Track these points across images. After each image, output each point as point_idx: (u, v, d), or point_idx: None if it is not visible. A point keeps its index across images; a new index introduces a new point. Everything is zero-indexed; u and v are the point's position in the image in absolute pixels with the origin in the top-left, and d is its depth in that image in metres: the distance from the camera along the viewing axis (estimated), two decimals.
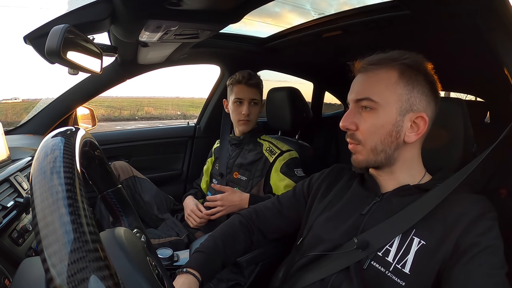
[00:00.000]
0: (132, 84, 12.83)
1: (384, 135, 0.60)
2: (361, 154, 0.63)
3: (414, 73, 0.59)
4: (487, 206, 0.55)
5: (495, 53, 0.64)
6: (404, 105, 0.59)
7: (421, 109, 0.59)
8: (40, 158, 0.28)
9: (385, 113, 0.59)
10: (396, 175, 0.63)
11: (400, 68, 0.59)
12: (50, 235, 0.22)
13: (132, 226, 0.53)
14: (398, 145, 0.60)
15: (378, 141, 0.60)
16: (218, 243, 0.73)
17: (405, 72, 0.59)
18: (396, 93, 0.59)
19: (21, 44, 0.74)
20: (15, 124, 1.29)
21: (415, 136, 0.60)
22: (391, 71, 0.60)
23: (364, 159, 0.63)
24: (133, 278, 0.33)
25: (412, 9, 0.84)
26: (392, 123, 0.59)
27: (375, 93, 0.59)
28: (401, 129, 0.59)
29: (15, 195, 0.75)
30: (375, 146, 0.61)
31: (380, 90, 0.59)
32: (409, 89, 0.59)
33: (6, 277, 0.58)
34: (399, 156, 0.62)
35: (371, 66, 0.61)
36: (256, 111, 1.28)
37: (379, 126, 0.60)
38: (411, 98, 0.59)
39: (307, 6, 1.46)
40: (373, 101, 0.59)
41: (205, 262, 0.69)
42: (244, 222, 0.81)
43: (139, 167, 1.42)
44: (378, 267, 0.56)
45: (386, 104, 0.59)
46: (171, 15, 0.72)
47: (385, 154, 0.61)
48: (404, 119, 0.59)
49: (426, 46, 1.08)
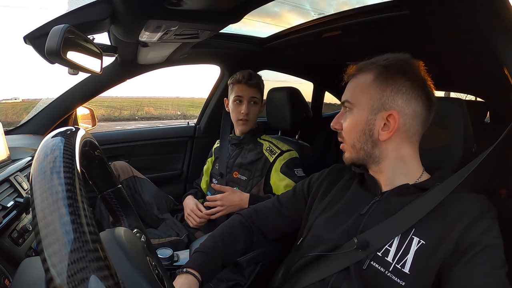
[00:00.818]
0: (132, 84, 12.85)
1: (359, 133, 0.64)
2: (346, 151, 0.68)
3: (390, 73, 0.62)
4: (487, 205, 0.55)
5: (495, 53, 0.64)
6: (375, 104, 0.62)
7: (394, 107, 0.61)
8: (40, 158, 0.28)
9: (358, 112, 0.64)
10: (385, 173, 0.64)
11: (376, 70, 0.63)
12: (50, 235, 0.22)
13: (132, 226, 0.53)
14: (374, 142, 0.63)
15: (355, 138, 0.65)
16: (218, 243, 0.73)
17: (380, 74, 0.62)
18: (369, 93, 0.63)
19: (21, 44, 0.74)
20: (15, 124, 1.29)
21: (388, 134, 0.61)
22: (368, 74, 0.64)
23: (349, 156, 0.68)
24: (133, 278, 0.33)
25: (412, 9, 0.84)
26: (364, 122, 0.63)
27: (352, 95, 0.65)
28: (373, 127, 0.62)
29: (15, 195, 0.75)
30: (354, 143, 0.65)
31: (356, 92, 0.65)
32: (381, 89, 0.62)
33: (6, 277, 0.58)
34: (382, 154, 0.64)
35: (353, 72, 0.67)
36: (256, 110, 1.28)
37: (354, 125, 0.65)
38: (383, 97, 0.61)
39: (307, 6, 1.47)
40: (349, 102, 0.65)
41: (205, 262, 0.69)
42: (244, 222, 0.81)
43: (139, 167, 1.42)
44: (378, 267, 0.56)
45: (359, 104, 0.64)
46: (171, 15, 0.72)
47: (364, 151, 0.64)
48: (376, 118, 0.62)
49: (426, 46, 1.08)
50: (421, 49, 0.62)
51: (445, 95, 1.68)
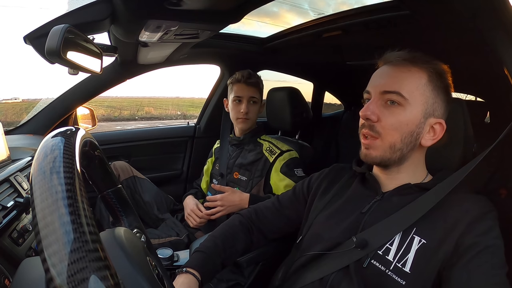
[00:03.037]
0: (132, 84, 12.81)
1: (406, 133, 0.59)
2: (377, 149, 0.61)
3: (440, 80, 0.60)
4: (488, 206, 0.55)
5: (495, 53, 0.64)
6: (429, 109, 0.60)
7: (441, 115, 0.61)
8: (40, 158, 0.28)
9: (411, 111, 0.59)
10: (401, 175, 0.64)
11: (430, 71, 0.60)
12: (50, 235, 0.22)
13: (132, 226, 0.53)
14: (414, 146, 0.61)
15: (398, 138, 0.59)
16: (218, 243, 0.74)
17: (433, 77, 0.60)
18: (425, 95, 0.59)
19: (21, 44, 0.74)
20: (15, 124, 1.29)
21: (432, 140, 0.61)
22: (422, 72, 0.60)
23: (379, 155, 0.61)
24: (133, 278, 0.33)
25: (412, 9, 0.84)
26: (416, 124, 0.59)
27: (406, 89, 0.58)
28: (422, 131, 0.60)
29: (15, 195, 0.75)
30: (395, 143, 0.60)
31: (411, 88, 0.58)
32: (435, 94, 0.60)
33: (6, 277, 0.58)
34: (410, 158, 0.62)
35: (405, 61, 0.60)
36: (255, 109, 1.28)
37: (404, 124, 0.59)
38: (435, 104, 0.60)
39: (305, 6, 1.46)
40: (403, 96, 0.58)
41: (205, 261, 0.69)
42: (244, 222, 0.81)
43: (139, 167, 1.42)
44: (378, 266, 0.56)
45: (414, 103, 0.58)
46: (171, 15, 0.72)
47: (401, 153, 0.60)
48: (426, 122, 0.60)
49: (426, 46, 1.08)
50: (421, 49, 0.62)
51: None
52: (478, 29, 0.67)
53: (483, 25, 0.65)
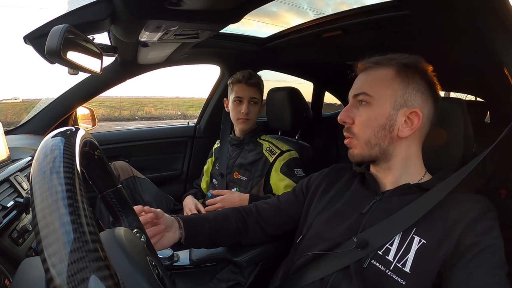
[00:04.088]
0: (132, 84, 12.83)
1: (378, 128, 0.62)
2: (356, 147, 0.65)
3: (411, 71, 0.62)
4: (488, 206, 0.55)
5: (495, 53, 0.64)
6: (398, 100, 0.61)
7: (416, 105, 0.61)
8: (40, 158, 0.27)
9: (379, 106, 0.62)
10: (393, 171, 0.64)
11: (397, 66, 0.62)
12: (50, 235, 0.22)
13: (132, 226, 0.53)
14: (392, 139, 0.62)
15: (371, 134, 0.62)
16: (209, 215, 0.80)
17: (402, 71, 0.62)
18: (391, 88, 0.61)
19: (21, 44, 0.74)
20: (15, 124, 1.29)
21: (409, 130, 0.61)
22: (389, 69, 0.63)
23: (359, 153, 0.65)
24: (133, 278, 0.33)
25: (412, 9, 0.84)
26: (386, 116, 0.61)
27: (371, 88, 0.63)
28: (395, 123, 0.61)
29: (15, 195, 0.75)
30: (369, 139, 0.63)
31: (376, 85, 0.63)
32: (404, 85, 0.61)
33: (6, 277, 0.58)
34: (394, 152, 0.63)
35: (370, 65, 0.65)
36: (256, 110, 1.28)
37: (373, 119, 0.62)
38: (406, 94, 0.61)
39: (304, 6, 1.46)
40: (368, 95, 0.63)
41: (192, 218, 0.77)
42: (240, 210, 0.84)
43: (139, 167, 1.42)
44: (378, 266, 0.56)
45: (380, 98, 0.62)
46: (171, 15, 0.72)
47: (379, 147, 0.63)
48: (398, 114, 0.61)
49: (426, 46, 1.08)
50: (421, 49, 0.62)
51: (445, 95, 1.68)
52: (478, 29, 0.67)
53: (483, 25, 0.65)
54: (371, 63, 0.65)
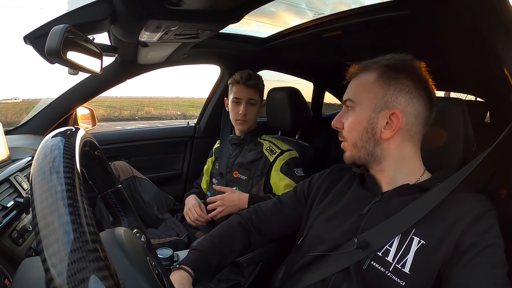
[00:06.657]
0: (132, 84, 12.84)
1: (361, 131, 0.64)
2: (347, 150, 0.68)
3: (393, 72, 0.62)
4: (487, 205, 0.55)
5: (495, 53, 0.64)
6: (378, 103, 0.62)
7: (398, 106, 0.61)
8: (40, 158, 0.27)
9: (361, 110, 0.64)
10: (387, 173, 0.64)
11: (379, 69, 0.63)
12: (50, 235, 0.22)
13: (132, 226, 0.53)
14: (377, 141, 0.63)
15: (357, 137, 0.65)
16: (215, 242, 0.75)
17: (384, 73, 0.62)
18: (372, 92, 0.63)
19: (21, 44, 0.74)
20: (15, 124, 1.29)
21: (390, 132, 0.61)
22: (371, 73, 0.64)
23: (350, 155, 0.67)
24: (133, 278, 0.33)
25: (412, 9, 0.84)
26: (367, 120, 0.63)
27: (354, 94, 0.65)
28: (376, 125, 0.62)
29: (15, 195, 0.75)
30: (355, 141, 0.65)
31: (358, 91, 0.65)
32: (385, 88, 0.62)
33: (6, 277, 0.58)
34: (383, 153, 0.63)
35: (356, 72, 0.67)
36: (254, 111, 1.27)
37: (356, 123, 0.64)
38: (386, 96, 0.61)
39: (303, 5, 1.46)
40: (352, 100, 0.65)
41: (200, 259, 0.71)
42: (243, 223, 0.81)
43: (139, 167, 1.42)
44: (378, 267, 0.56)
45: (362, 103, 0.64)
46: (171, 15, 0.72)
47: (366, 150, 0.64)
48: (379, 116, 0.62)
49: (426, 46, 1.08)
50: (421, 49, 0.63)
51: (445, 95, 1.68)
52: (478, 29, 0.67)
53: (483, 25, 0.65)
54: (357, 69, 0.67)
